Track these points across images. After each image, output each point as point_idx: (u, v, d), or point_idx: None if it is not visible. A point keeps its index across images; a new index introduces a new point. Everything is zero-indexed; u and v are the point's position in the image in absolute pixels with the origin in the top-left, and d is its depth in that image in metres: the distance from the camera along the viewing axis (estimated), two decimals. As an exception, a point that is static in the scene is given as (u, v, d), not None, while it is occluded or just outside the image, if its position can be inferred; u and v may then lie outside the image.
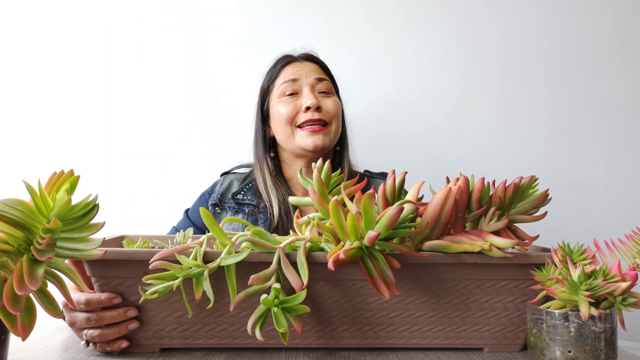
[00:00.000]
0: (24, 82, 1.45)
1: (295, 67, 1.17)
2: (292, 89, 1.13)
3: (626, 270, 0.59)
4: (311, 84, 1.14)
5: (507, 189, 0.68)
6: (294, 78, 1.14)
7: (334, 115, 1.13)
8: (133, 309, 0.65)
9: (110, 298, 0.65)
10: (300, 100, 1.12)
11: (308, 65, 1.17)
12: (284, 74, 1.16)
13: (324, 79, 1.16)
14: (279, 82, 1.16)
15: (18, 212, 0.51)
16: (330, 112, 1.13)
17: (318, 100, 1.12)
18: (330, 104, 1.14)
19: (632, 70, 1.47)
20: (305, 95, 1.12)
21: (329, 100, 1.14)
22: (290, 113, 1.12)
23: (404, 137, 1.49)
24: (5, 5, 1.44)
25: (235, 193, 1.18)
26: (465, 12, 1.49)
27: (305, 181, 0.74)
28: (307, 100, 1.11)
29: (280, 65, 1.18)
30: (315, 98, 1.11)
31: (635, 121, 1.47)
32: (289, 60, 1.18)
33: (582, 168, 1.47)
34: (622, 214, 1.44)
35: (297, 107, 1.12)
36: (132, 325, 0.66)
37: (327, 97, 1.15)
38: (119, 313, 0.65)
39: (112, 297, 0.65)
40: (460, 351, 0.71)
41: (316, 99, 1.11)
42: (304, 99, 1.12)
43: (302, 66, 1.17)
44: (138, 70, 1.46)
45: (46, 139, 1.44)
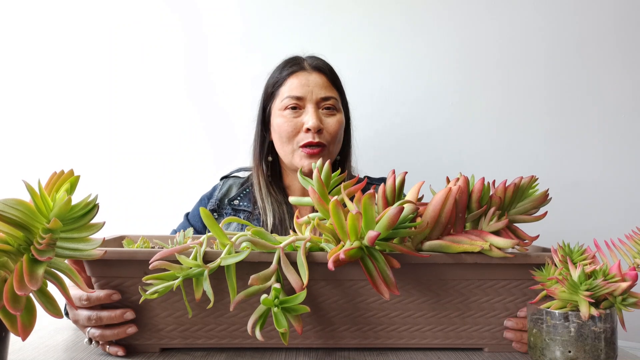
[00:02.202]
0: (24, 82, 1.45)
1: (302, 78, 1.11)
2: (296, 104, 1.09)
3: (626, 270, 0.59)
4: (316, 101, 1.10)
5: (507, 189, 0.68)
6: (298, 96, 1.09)
7: (334, 136, 1.10)
8: (130, 311, 0.65)
9: (109, 295, 0.65)
10: (302, 118, 1.09)
11: (316, 78, 1.11)
12: (289, 84, 1.11)
13: (330, 97, 1.11)
14: (283, 91, 1.11)
15: (18, 212, 0.51)
16: (331, 134, 1.10)
17: (320, 121, 1.08)
18: (333, 124, 1.10)
19: (632, 70, 1.47)
20: (307, 113, 1.08)
21: (332, 120, 1.10)
22: (291, 132, 1.09)
23: (404, 137, 1.49)
24: (5, 5, 1.45)
25: (231, 199, 1.17)
26: (465, 12, 1.49)
27: (305, 181, 0.74)
28: (309, 120, 1.07)
29: (287, 73, 1.13)
30: (317, 119, 1.07)
31: (635, 121, 1.47)
32: (296, 69, 1.12)
33: (582, 168, 1.47)
34: (622, 214, 1.44)
35: (298, 125, 1.09)
36: (130, 329, 0.66)
37: (330, 116, 1.11)
38: (117, 314, 0.65)
39: (110, 293, 0.65)
40: (460, 351, 0.71)
41: (318, 121, 1.07)
42: (306, 117, 1.08)
43: (309, 78, 1.11)
44: (138, 70, 1.46)
45: (46, 139, 1.44)
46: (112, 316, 0.65)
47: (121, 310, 0.65)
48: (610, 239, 0.64)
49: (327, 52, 1.21)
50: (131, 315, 0.65)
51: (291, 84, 1.11)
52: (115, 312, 0.65)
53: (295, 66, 1.13)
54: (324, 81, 1.12)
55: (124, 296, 0.66)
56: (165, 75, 1.47)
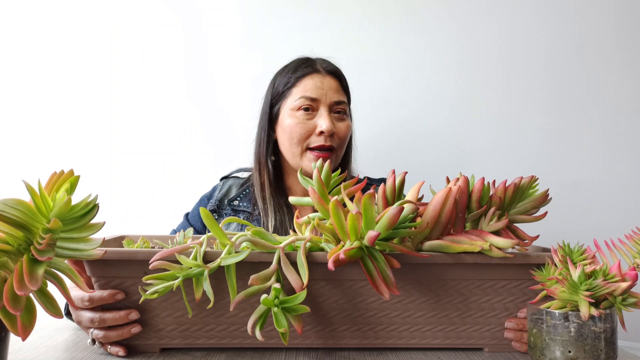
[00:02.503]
0: (24, 82, 1.45)
1: (317, 81, 1.11)
2: (310, 105, 1.09)
3: (626, 270, 0.59)
4: (329, 104, 1.10)
5: (507, 189, 0.68)
6: (314, 97, 1.09)
7: (343, 141, 1.12)
8: (135, 312, 0.65)
9: (113, 294, 0.65)
10: (315, 120, 1.09)
11: (330, 82, 1.12)
12: (303, 85, 1.11)
13: (343, 102, 1.12)
14: (296, 92, 1.11)
15: (18, 212, 0.51)
16: (341, 138, 1.11)
17: (333, 125, 1.09)
18: (343, 128, 1.11)
19: (632, 70, 1.47)
20: (321, 117, 1.09)
21: (342, 125, 1.12)
22: (304, 134, 1.09)
23: (404, 137, 1.49)
24: (5, 5, 1.45)
25: (231, 199, 1.17)
26: (465, 12, 1.49)
27: (305, 181, 0.74)
28: (323, 124, 1.07)
29: (301, 74, 1.12)
30: (331, 123, 1.08)
31: (635, 121, 1.47)
32: (310, 71, 1.12)
33: (582, 168, 1.47)
34: (622, 214, 1.44)
35: (311, 128, 1.09)
36: (135, 329, 0.66)
37: (341, 121, 1.12)
38: (121, 315, 0.65)
39: (114, 293, 0.65)
40: (460, 351, 0.71)
41: (332, 125, 1.08)
42: (320, 120, 1.08)
43: (324, 81, 1.11)
44: (138, 70, 1.46)
45: (46, 138, 1.44)
46: (116, 317, 0.65)
47: (125, 311, 0.65)
48: (610, 239, 0.64)
49: (327, 52, 1.21)
50: (136, 316, 0.65)
51: (305, 84, 1.11)
52: (119, 313, 0.65)
53: (309, 67, 1.13)
54: (338, 86, 1.13)
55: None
56: (165, 75, 1.47)
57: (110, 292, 0.65)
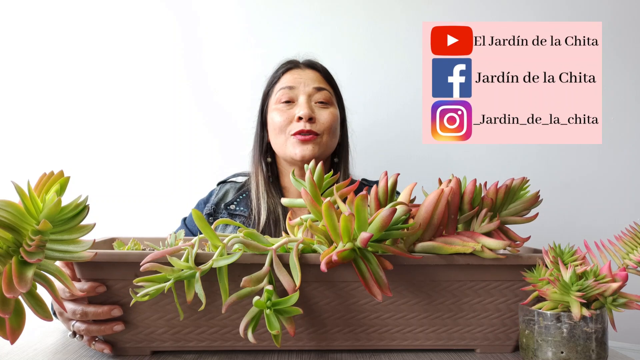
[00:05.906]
0: (20, 81, 1.43)
1: (295, 74, 1.15)
2: (289, 97, 1.12)
3: (616, 270, 0.60)
4: (308, 93, 1.12)
5: (498, 191, 0.68)
6: (291, 86, 1.12)
7: (327, 127, 1.11)
8: (118, 308, 0.64)
9: (94, 287, 0.63)
10: (294, 109, 1.11)
11: (309, 73, 1.15)
12: (283, 80, 1.15)
13: (323, 89, 1.14)
14: (277, 88, 1.15)
15: (7, 214, 0.50)
16: (324, 124, 1.11)
17: (312, 110, 1.10)
18: (326, 115, 1.12)
19: (622, 72, 1.49)
20: (299, 105, 1.11)
21: (325, 112, 1.12)
22: (284, 122, 1.11)
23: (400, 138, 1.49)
24: (4, 5, 1.43)
25: (228, 203, 1.17)
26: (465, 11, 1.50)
27: (298, 182, 0.74)
28: (300, 110, 1.09)
29: (282, 71, 1.17)
30: (309, 108, 1.09)
31: (626, 122, 1.48)
32: (290, 67, 1.17)
33: (572, 170, 1.48)
34: (612, 215, 1.46)
35: (290, 116, 1.11)
36: (117, 327, 0.65)
37: (323, 108, 1.13)
38: (104, 310, 0.64)
39: (95, 286, 0.63)
40: (453, 352, 0.71)
41: (309, 110, 1.09)
42: (298, 108, 1.10)
43: (302, 74, 1.15)
44: (135, 71, 1.45)
45: (41, 139, 1.43)
46: (98, 312, 0.64)
47: (109, 306, 0.64)
48: (600, 240, 0.65)
49: (325, 52, 1.21)
50: (118, 312, 0.64)
51: (285, 79, 1.15)
52: (102, 307, 0.64)
53: (289, 64, 1.18)
54: (317, 76, 1.16)
55: (114, 299, 0.65)
56: (161, 76, 1.46)
57: (90, 284, 0.63)
